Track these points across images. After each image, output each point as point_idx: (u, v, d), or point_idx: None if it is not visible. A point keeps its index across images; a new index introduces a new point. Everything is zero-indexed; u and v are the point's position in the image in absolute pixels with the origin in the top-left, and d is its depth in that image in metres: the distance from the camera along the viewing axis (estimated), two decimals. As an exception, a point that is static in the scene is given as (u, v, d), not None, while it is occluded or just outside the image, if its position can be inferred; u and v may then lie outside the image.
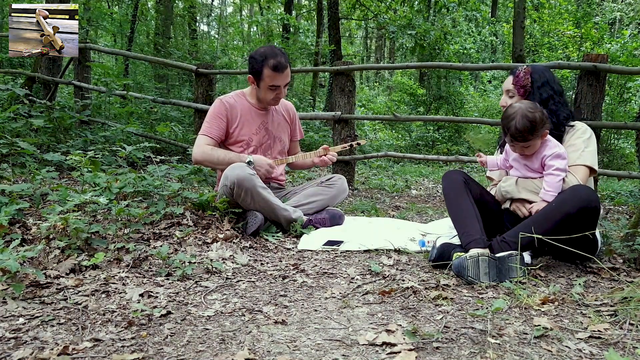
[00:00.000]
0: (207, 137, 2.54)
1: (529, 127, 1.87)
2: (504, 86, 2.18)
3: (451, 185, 2.01)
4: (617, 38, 12.35)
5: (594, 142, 2.02)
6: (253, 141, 2.62)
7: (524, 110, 1.89)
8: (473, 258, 1.70)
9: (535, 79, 2.08)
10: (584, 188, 1.82)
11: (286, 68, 2.50)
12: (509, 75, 2.17)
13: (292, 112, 2.85)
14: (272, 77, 2.49)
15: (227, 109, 2.58)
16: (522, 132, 1.88)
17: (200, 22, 17.24)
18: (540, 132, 1.90)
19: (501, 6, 17.56)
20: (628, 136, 8.17)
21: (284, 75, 2.50)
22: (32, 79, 5.46)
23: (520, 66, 2.14)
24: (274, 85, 2.52)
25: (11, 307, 1.34)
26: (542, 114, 1.90)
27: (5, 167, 2.87)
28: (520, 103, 1.95)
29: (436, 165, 7.76)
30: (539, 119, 1.87)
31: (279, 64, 2.46)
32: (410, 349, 1.18)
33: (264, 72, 2.48)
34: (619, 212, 3.58)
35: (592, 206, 1.78)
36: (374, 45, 24.10)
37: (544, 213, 1.84)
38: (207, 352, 1.16)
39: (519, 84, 2.09)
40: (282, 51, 2.53)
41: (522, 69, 2.12)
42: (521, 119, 1.87)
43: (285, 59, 2.50)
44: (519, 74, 2.10)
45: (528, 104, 1.92)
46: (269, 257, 2.06)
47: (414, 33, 9.72)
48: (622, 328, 1.33)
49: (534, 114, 1.88)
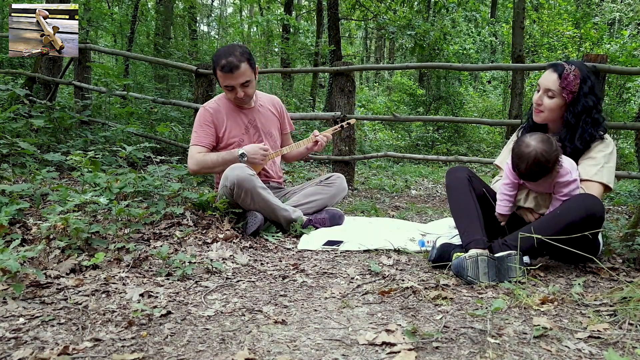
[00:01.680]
0: (198, 146, 2.53)
1: (540, 171, 1.77)
2: (544, 83, 1.95)
3: (455, 183, 1.98)
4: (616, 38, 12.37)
5: (614, 157, 1.92)
6: (244, 141, 2.61)
7: (539, 154, 1.74)
8: (472, 258, 1.70)
9: (582, 84, 1.90)
10: (590, 197, 1.79)
11: (237, 68, 2.41)
12: (552, 72, 1.95)
13: (278, 105, 2.83)
14: (223, 77, 2.46)
15: (212, 114, 2.57)
16: (531, 175, 1.79)
17: (200, 22, 17.25)
18: (553, 169, 1.79)
19: (500, 6, 17.56)
20: (627, 136, 8.18)
21: (234, 75, 2.42)
22: (32, 79, 5.46)
23: (567, 65, 1.92)
24: (227, 86, 2.49)
25: (11, 307, 1.34)
26: (557, 153, 1.76)
27: (6, 167, 2.87)
28: (536, 142, 1.77)
29: (436, 165, 7.76)
30: (552, 162, 1.75)
31: (226, 64, 2.40)
32: (410, 348, 1.18)
33: (217, 72, 2.47)
34: (618, 212, 3.58)
35: (598, 216, 1.75)
36: (374, 46, 24.10)
37: (548, 220, 1.81)
38: (207, 352, 1.16)
39: (569, 89, 1.90)
40: (240, 50, 2.45)
41: (571, 69, 1.90)
42: (534, 164, 1.75)
43: (239, 59, 2.41)
44: (568, 76, 1.89)
45: (544, 145, 1.76)
46: (269, 257, 2.06)
47: (413, 33, 9.73)
48: (621, 328, 1.33)
49: (549, 156, 1.74)
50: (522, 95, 8.76)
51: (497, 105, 12.95)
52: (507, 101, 11.44)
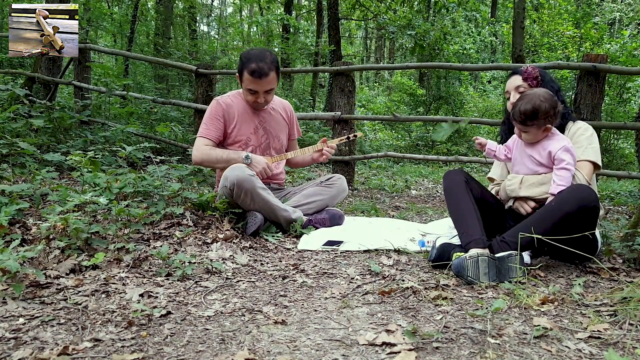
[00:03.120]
0: (205, 138, 2.54)
1: (530, 113, 1.89)
2: (510, 86, 2.17)
3: (452, 185, 2.01)
4: (616, 38, 12.36)
5: (596, 139, 2.05)
6: (251, 140, 2.62)
7: (535, 97, 1.90)
8: (473, 258, 1.70)
9: (541, 74, 2.12)
10: (583, 187, 1.83)
11: (266, 75, 2.43)
12: (512, 76, 2.18)
13: (289, 110, 2.85)
14: (250, 81, 2.46)
15: (224, 109, 2.58)
16: (524, 116, 1.91)
17: (200, 22, 17.24)
18: (542, 123, 1.91)
19: (501, 6, 17.56)
20: (628, 136, 8.18)
21: (262, 82, 2.45)
22: (32, 79, 5.46)
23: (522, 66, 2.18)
24: (251, 90, 2.50)
25: (11, 307, 1.34)
26: (552, 107, 1.90)
27: (5, 167, 2.87)
28: (540, 89, 1.96)
29: (436, 165, 7.76)
30: (543, 109, 1.88)
31: (257, 69, 2.41)
32: (410, 349, 1.18)
33: (244, 74, 2.46)
34: (618, 212, 3.58)
35: (592, 205, 1.79)
36: (374, 46, 24.10)
37: (544, 212, 1.84)
38: (207, 352, 1.16)
39: (531, 77, 2.10)
40: (269, 59, 2.46)
41: (526, 66, 2.14)
42: (527, 104, 1.90)
43: (269, 67, 2.43)
44: (527, 70, 2.12)
45: (545, 93, 1.92)
46: (269, 257, 2.06)
47: (413, 33, 9.73)
48: (621, 328, 1.33)
49: (543, 103, 1.88)
50: (522, 95, 8.73)
51: (497, 105, 12.93)
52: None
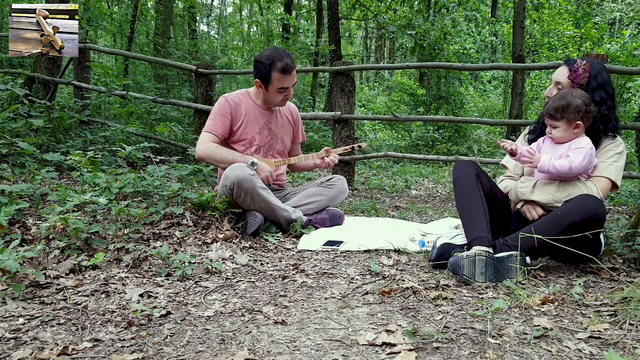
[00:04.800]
0: (211, 134, 2.53)
1: (561, 106, 1.89)
2: (555, 76, 2.07)
3: (462, 178, 1.95)
4: (616, 38, 12.36)
5: (624, 158, 1.97)
6: (256, 140, 2.62)
7: (569, 93, 1.91)
8: (470, 257, 1.70)
9: (591, 79, 1.98)
10: (592, 198, 1.78)
11: (293, 69, 2.52)
12: (564, 66, 2.05)
13: (295, 114, 2.86)
14: (281, 79, 2.50)
15: (232, 107, 2.58)
16: (554, 109, 1.90)
17: (200, 22, 17.24)
18: (572, 118, 1.89)
19: (501, 6, 17.57)
20: (628, 136, 8.17)
21: (291, 76, 2.53)
22: (32, 79, 5.46)
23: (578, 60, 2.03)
24: (282, 88, 2.53)
25: (11, 307, 1.34)
26: (586, 106, 1.88)
27: (5, 167, 2.87)
28: (576, 89, 1.94)
29: (436, 165, 7.76)
30: (574, 105, 1.88)
31: (286, 66, 2.48)
32: (410, 349, 1.18)
33: (273, 75, 2.49)
34: (619, 212, 3.58)
35: (599, 217, 1.75)
36: (374, 45, 24.10)
37: (550, 220, 1.80)
38: (207, 352, 1.16)
39: (577, 81, 2.00)
40: (286, 52, 2.54)
41: (581, 64, 2.00)
42: (560, 98, 1.90)
43: (292, 60, 2.52)
44: (578, 70, 2.00)
45: (581, 93, 1.91)
46: (269, 257, 2.06)
47: (413, 33, 9.72)
48: (622, 328, 1.33)
49: (576, 100, 1.88)
50: (522, 95, 8.75)
51: (498, 105, 12.94)
52: (508, 101, 11.43)
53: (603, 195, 1.91)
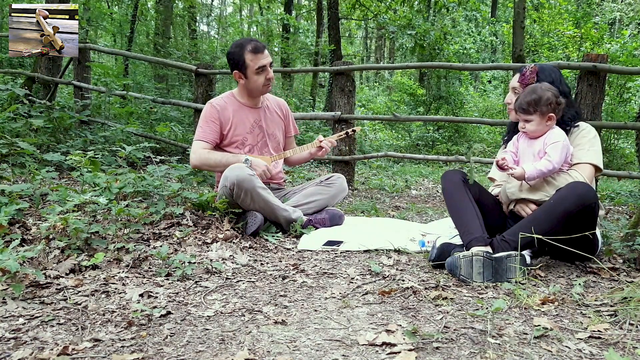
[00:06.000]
0: (203, 141, 2.54)
1: (533, 100, 1.93)
2: (510, 84, 2.21)
3: (450, 185, 2.02)
4: (616, 38, 12.36)
5: (598, 141, 2.04)
6: (248, 140, 2.62)
7: (539, 87, 1.96)
8: (467, 257, 1.71)
9: (541, 79, 2.09)
10: (581, 184, 1.82)
11: (264, 48, 2.56)
12: (517, 74, 2.19)
13: (284, 108, 2.85)
14: (255, 59, 2.52)
15: (219, 111, 2.57)
16: (527, 103, 1.94)
17: (200, 22, 17.24)
18: (544, 111, 1.93)
19: (501, 6, 17.56)
20: (628, 136, 8.17)
21: (264, 54, 2.55)
22: (32, 79, 5.46)
23: (528, 65, 2.17)
24: (260, 67, 2.53)
25: (11, 307, 1.34)
26: (555, 97, 1.94)
27: (5, 167, 2.87)
28: (544, 83, 2.01)
29: (436, 165, 7.76)
30: (545, 98, 1.93)
31: (256, 45, 2.53)
32: (410, 349, 1.18)
33: (246, 58, 2.51)
34: (619, 212, 3.58)
35: (591, 202, 1.78)
36: (374, 45, 24.10)
37: (543, 210, 1.84)
38: (207, 352, 1.16)
39: (525, 82, 2.12)
40: (253, 38, 2.61)
41: (529, 67, 2.14)
42: (530, 92, 1.95)
43: (260, 43, 2.57)
44: (525, 73, 2.13)
45: (549, 86, 1.97)
46: (269, 257, 2.06)
47: (413, 33, 9.73)
48: (622, 328, 1.33)
49: (546, 92, 1.94)
50: (522, 95, 8.72)
51: (498, 105, 12.93)
52: (508, 101, 11.40)
53: (589, 180, 1.96)
